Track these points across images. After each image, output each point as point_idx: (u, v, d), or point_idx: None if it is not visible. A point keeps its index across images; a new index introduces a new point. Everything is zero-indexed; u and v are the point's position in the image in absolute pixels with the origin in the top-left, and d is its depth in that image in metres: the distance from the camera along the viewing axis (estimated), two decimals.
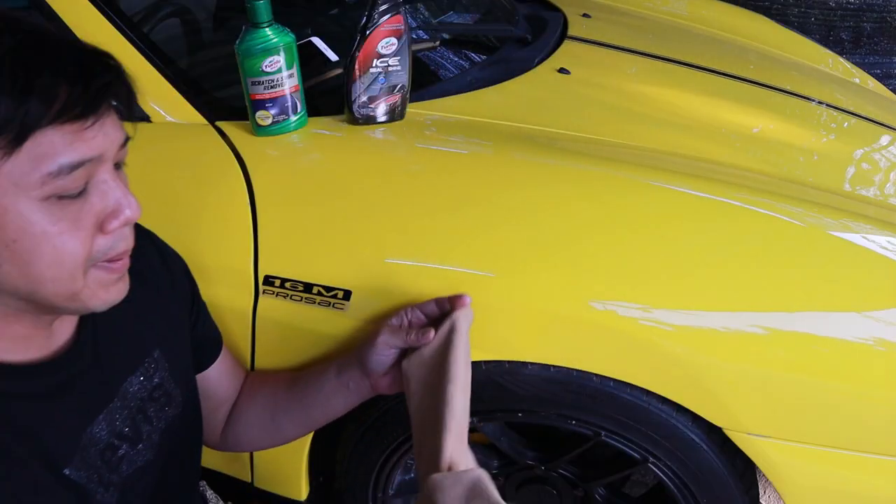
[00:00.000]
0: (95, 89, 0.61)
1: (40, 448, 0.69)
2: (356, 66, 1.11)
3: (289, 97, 1.10)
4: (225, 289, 1.06)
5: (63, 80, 0.60)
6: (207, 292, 1.05)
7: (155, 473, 0.84)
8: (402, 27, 1.11)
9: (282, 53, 1.06)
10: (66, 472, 0.72)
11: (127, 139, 0.68)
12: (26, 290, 0.65)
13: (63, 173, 0.61)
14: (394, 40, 1.10)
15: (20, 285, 0.64)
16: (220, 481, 1.25)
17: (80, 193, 0.63)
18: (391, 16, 1.09)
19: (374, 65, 1.11)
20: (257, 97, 1.08)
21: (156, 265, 0.90)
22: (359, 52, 1.10)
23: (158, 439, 0.85)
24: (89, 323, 0.78)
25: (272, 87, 1.08)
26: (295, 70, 1.09)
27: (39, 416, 0.70)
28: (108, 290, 0.69)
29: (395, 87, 1.14)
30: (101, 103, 0.62)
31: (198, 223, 1.07)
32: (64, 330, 0.75)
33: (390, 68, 1.12)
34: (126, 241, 0.69)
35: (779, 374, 0.95)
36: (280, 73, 1.07)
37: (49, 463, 0.70)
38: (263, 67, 1.06)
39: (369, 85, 1.13)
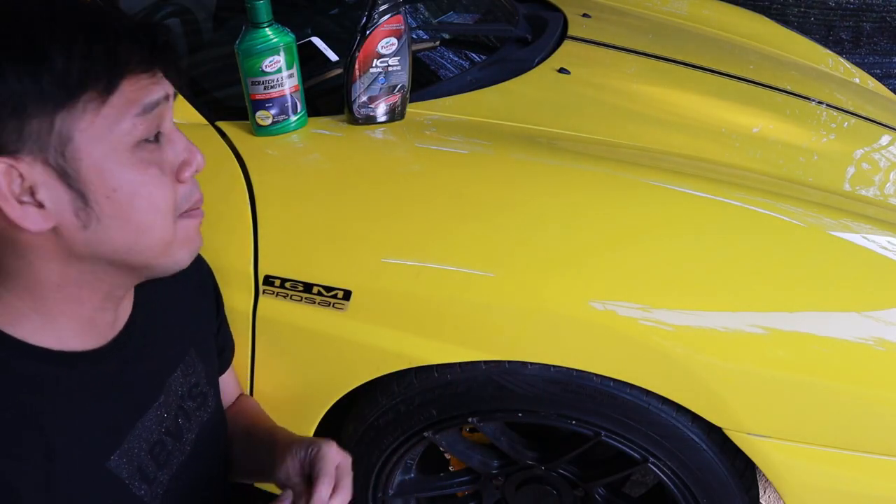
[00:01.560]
0: (161, 51, 0.65)
1: (83, 440, 0.70)
2: (356, 66, 1.11)
3: (289, 97, 1.09)
4: (225, 289, 1.06)
5: (137, 37, 0.64)
6: None
7: (189, 475, 0.84)
8: (402, 27, 1.11)
9: (282, 53, 1.06)
10: (108, 464, 0.72)
11: (176, 94, 0.71)
12: (125, 246, 0.66)
13: (147, 112, 0.64)
14: (394, 40, 1.10)
15: (120, 240, 0.66)
16: None
17: (157, 139, 0.67)
18: (391, 16, 1.09)
19: (374, 65, 1.11)
20: (257, 97, 1.08)
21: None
22: (359, 52, 1.10)
23: (194, 439, 0.85)
24: (138, 316, 0.78)
25: (272, 87, 1.08)
26: (295, 70, 1.09)
27: (87, 406, 0.70)
28: (192, 243, 0.72)
29: (395, 87, 1.14)
30: (163, 57, 0.66)
31: None
32: (119, 319, 0.76)
33: (390, 68, 1.12)
34: (199, 191, 0.72)
35: (779, 374, 0.95)
36: (280, 73, 1.07)
37: (91, 455, 0.71)
38: (263, 67, 1.06)
39: (369, 85, 1.12)
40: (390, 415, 1.13)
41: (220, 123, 1.14)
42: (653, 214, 1.03)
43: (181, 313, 0.86)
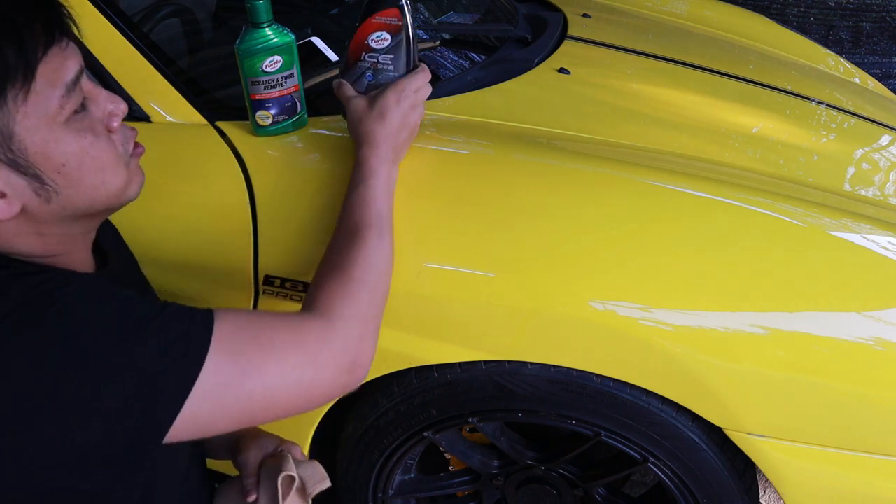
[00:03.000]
0: (56, 16, 0.70)
1: None
2: (347, 56, 1.06)
3: (289, 97, 1.09)
4: (225, 289, 1.06)
5: (33, 16, 0.67)
6: (208, 292, 1.05)
7: None
8: (399, 23, 1.03)
9: (282, 53, 1.06)
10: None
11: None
12: (87, 203, 0.74)
13: (70, 90, 0.69)
14: (386, 35, 1.02)
15: (81, 201, 0.73)
16: (221, 481, 1.25)
17: (84, 107, 0.72)
18: (387, 7, 1.02)
19: (362, 58, 1.04)
20: (257, 97, 1.08)
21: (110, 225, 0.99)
22: (351, 40, 1.04)
23: None
24: (107, 254, 0.87)
25: (272, 87, 1.07)
26: (295, 70, 1.09)
27: None
28: (140, 176, 0.80)
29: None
30: (63, 25, 0.70)
31: (198, 223, 1.07)
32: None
33: (380, 66, 1.04)
34: (131, 129, 0.79)
35: (779, 374, 0.95)
36: (280, 73, 1.07)
37: None
38: (263, 67, 1.06)
39: (357, 79, 1.05)
40: (390, 415, 1.13)
41: (220, 123, 1.14)
42: (653, 214, 1.03)
43: (127, 254, 0.98)
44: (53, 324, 0.63)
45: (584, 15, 1.91)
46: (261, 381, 0.71)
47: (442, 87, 1.35)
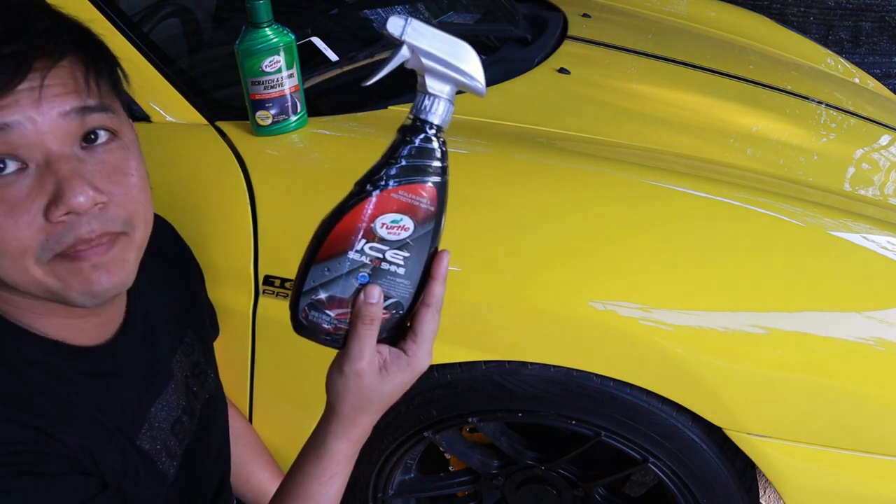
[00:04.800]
0: (9, 53, 0.57)
1: (114, 418, 0.72)
2: (322, 237, 0.64)
3: (289, 97, 1.09)
4: (225, 289, 1.06)
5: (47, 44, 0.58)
6: (208, 292, 1.05)
7: (198, 448, 0.87)
8: (433, 208, 0.65)
9: (282, 53, 1.06)
10: (137, 442, 0.75)
11: (86, 108, 0.61)
12: (4, 279, 0.62)
13: None
14: (408, 223, 0.64)
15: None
16: None
17: (20, 171, 0.59)
18: (416, 180, 0.63)
19: (357, 246, 0.64)
20: (257, 97, 1.08)
21: (171, 240, 0.93)
22: (339, 219, 0.64)
23: (199, 416, 0.88)
24: (137, 305, 0.78)
25: (272, 87, 1.07)
26: (295, 70, 1.09)
27: (108, 390, 0.72)
28: (87, 282, 0.62)
29: (388, 302, 0.66)
30: (22, 65, 0.58)
31: (198, 223, 1.07)
32: (115, 315, 0.75)
33: (385, 265, 0.65)
34: (85, 228, 0.61)
35: (779, 374, 0.95)
36: (280, 73, 1.07)
37: (123, 432, 0.73)
38: (263, 67, 1.06)
39: (337, 278, 0.65)
40: (390, 415, 1.13)
41: (220, 123, 1.14)
42: (653, 214, 1.03)
43: (174, 296, 0.87)
44: None
45: (584, 15, 1.91)
46: None
47: None
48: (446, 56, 0.62)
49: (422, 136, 0.63)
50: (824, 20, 3.50)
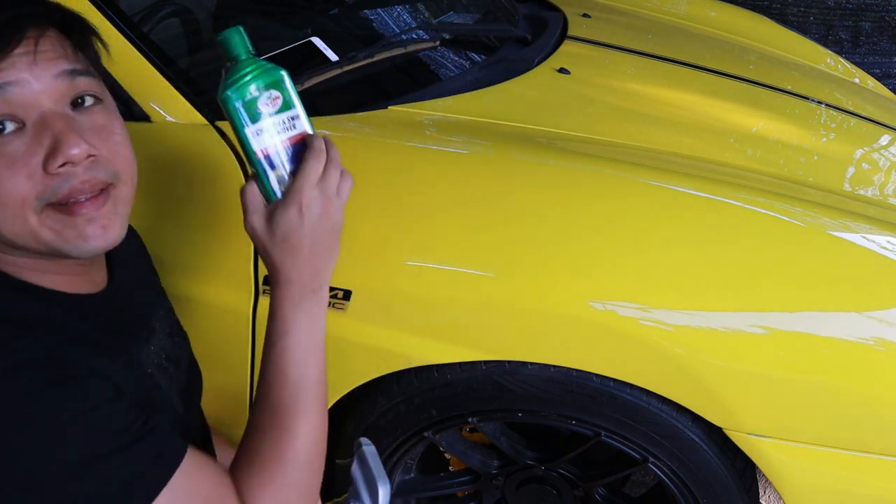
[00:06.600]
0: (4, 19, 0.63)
1: (117, 352, 0.73)
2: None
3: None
4: (225, 289, 1.06)
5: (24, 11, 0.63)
6: (207, 292, 1.05)
7: (186, 399, 0.88)
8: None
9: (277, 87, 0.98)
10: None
11: (75, 70, 0.68)
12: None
13: None
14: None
15: None
16: None
17: (18, 130, 0.64)
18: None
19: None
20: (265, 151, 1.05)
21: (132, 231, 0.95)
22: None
23: (186, 369, 0.88)
24: (118, 262, 0.82)
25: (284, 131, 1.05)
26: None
27: (110, 329, 0.74)
28: (81, 233, 0.67)
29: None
30: (17, 32, 0.64)
31: (198, 223, 1.07)
32: (101, 270, 0.79)
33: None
34: (79, 178, 0.66)
35: (778, 374, 0.95)
36: (284, 111, 1.04)
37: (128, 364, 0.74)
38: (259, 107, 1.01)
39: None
40: (390, 415, 1.13)
41: (220, 123, 1.13)
42: (653, 214, 1.03)
43: (139, 263, 0.92)
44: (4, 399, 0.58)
45: (584, 15, 1.91)
46: None
47: (442, 87, 1.35)
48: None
49: None
50: (824, 20, 3.50)
